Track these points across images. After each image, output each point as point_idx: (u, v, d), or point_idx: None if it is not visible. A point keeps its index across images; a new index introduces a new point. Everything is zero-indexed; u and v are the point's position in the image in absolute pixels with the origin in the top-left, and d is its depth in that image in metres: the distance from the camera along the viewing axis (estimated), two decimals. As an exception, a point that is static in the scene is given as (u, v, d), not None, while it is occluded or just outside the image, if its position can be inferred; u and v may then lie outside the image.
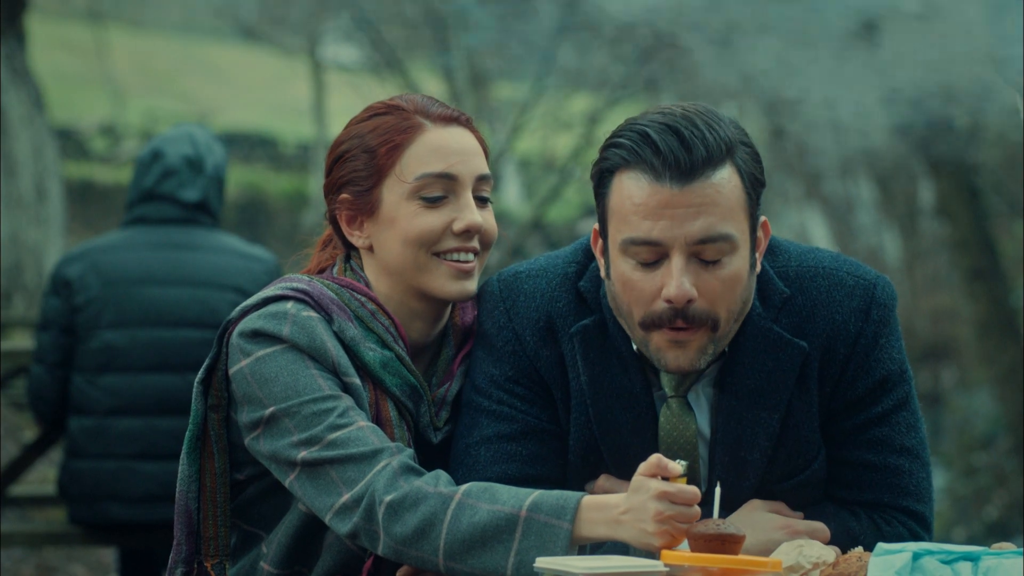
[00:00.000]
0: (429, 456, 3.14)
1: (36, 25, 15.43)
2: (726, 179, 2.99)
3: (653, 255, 2.99)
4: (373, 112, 3.14)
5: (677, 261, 2.97)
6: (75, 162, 22.37)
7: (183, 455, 3.12)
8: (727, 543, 2.81)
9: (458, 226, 3.09)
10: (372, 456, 2.94)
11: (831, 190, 24.16)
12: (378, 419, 3.05)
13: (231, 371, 3.05)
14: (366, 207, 3.10)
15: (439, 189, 3.08)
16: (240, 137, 24.62)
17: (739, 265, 3.01)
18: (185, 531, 3.12)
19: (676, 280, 2.97)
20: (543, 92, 18.05)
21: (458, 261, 3.10)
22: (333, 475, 2.95)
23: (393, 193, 3.08)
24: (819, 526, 3.10)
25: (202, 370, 3.08)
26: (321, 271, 3.23)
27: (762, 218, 3.10)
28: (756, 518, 3.09)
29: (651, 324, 3.02)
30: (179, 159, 6.01)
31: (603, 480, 3.18)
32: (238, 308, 3.08)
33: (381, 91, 16.97)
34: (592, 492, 3.18)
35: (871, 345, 3.13)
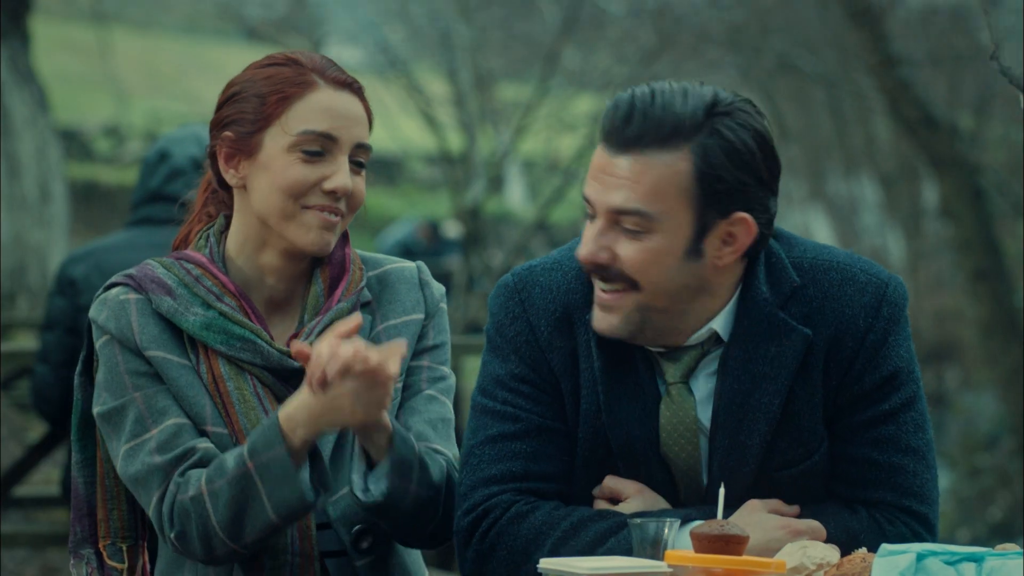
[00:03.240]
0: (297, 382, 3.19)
1: (40, 26, 15.43)
2: (664, 162, 3.01)
3: (592, 212, 3.08)
4: (272, 62, 3.23)
5: (597, 224, 3.05)
6: (79, 163, 22.39)
7: (73, 442, 3.25)
8: (731, 544, 2.81)
9: (328, 185, 3.16)
10: (147, 483, 3.11)
11: (835, 191, 24.19)
12: (213, 375, 3.15)
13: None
14: (246, 148, 3.18)
15: (318, 146, 3.16)
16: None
17: (661, 244, 3.03)
18: (77, 515, 3.25)
19: (586, 242, 3.06)
20: (547, 93, 18.05)
21: (324, 213, 3.18)
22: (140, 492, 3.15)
23: (274, 141, 3.16)
24: (816, 525, 3.10)
25: (80, 363, 3.23)
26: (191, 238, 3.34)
27: (741, 215, 3.07)
28: (756, 519, 3.09)
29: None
30: (186, 160, 6.01)
31: (608, 480, 3.18)
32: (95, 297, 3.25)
33: (385, 92, 17.00)
34: (599, 496, 3.19)
35: (880, 342, 3.14)
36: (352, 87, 3.21)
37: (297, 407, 3.00)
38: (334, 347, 2.93)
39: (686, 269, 3.06)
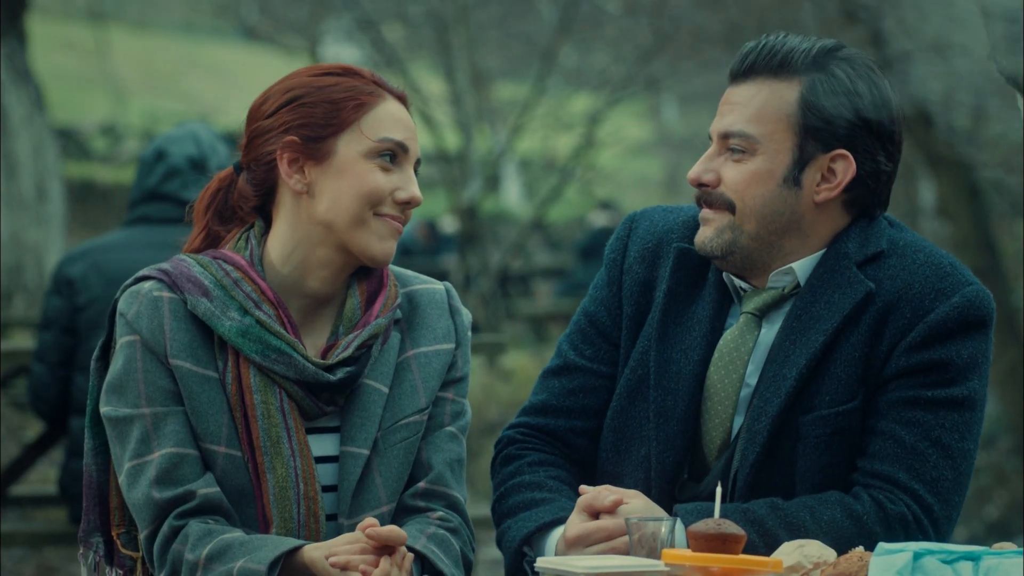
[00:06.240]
0: (332, 390, 3.18)
1: (37, 25, 15.44)
2: (773, 89, 3.21)
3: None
4: (328, 71, 3.21)
5: (710, 149, 3.25)
6: (76, 162, 22.37)
7: (86, 429, 3.23)
8: (728, 542, 2.82)
9: (401, 196, 3.19)
10: (142, 513, 3.12)
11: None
12: (239, 385, 3.12)
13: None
14: (315, 153, 3.16)
15: (394, 154, 3.18)
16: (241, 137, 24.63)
17: (762, 167, 3.21)
18: (89, 503, 3.24)
19: (697, 164, 3.26)
20: (544, 92, 18.04)
21: (393, 222, 3.19)
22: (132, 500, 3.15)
23: (350, 147, 3.16)
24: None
25: (98, 348, 3.19)
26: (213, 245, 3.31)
27: (842, 151, 3.21)
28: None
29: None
30: (183, 159, 6.00)
31: (606, 489, 3.23)
32: (122, 285, 3.20)
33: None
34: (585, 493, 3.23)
35: (941, 326, 3.18)
36: (406, 101, 3.25)
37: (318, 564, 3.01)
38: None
39: (782, 196, 3.22)
